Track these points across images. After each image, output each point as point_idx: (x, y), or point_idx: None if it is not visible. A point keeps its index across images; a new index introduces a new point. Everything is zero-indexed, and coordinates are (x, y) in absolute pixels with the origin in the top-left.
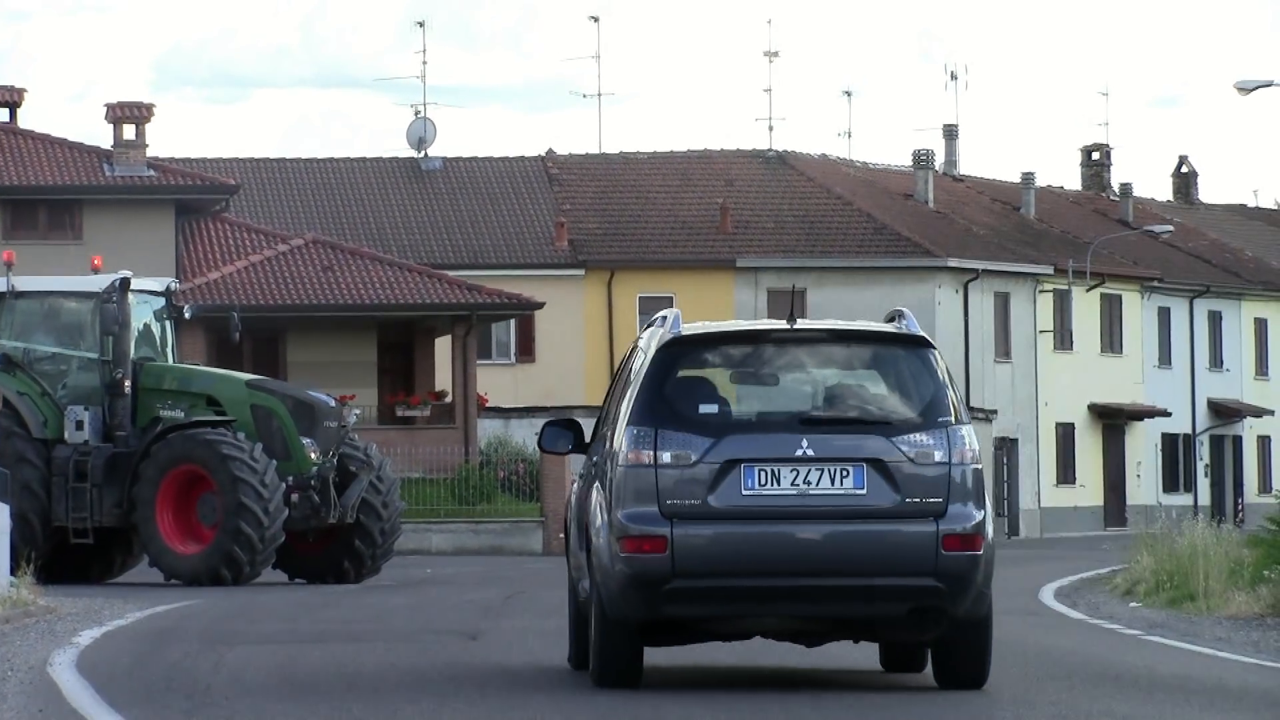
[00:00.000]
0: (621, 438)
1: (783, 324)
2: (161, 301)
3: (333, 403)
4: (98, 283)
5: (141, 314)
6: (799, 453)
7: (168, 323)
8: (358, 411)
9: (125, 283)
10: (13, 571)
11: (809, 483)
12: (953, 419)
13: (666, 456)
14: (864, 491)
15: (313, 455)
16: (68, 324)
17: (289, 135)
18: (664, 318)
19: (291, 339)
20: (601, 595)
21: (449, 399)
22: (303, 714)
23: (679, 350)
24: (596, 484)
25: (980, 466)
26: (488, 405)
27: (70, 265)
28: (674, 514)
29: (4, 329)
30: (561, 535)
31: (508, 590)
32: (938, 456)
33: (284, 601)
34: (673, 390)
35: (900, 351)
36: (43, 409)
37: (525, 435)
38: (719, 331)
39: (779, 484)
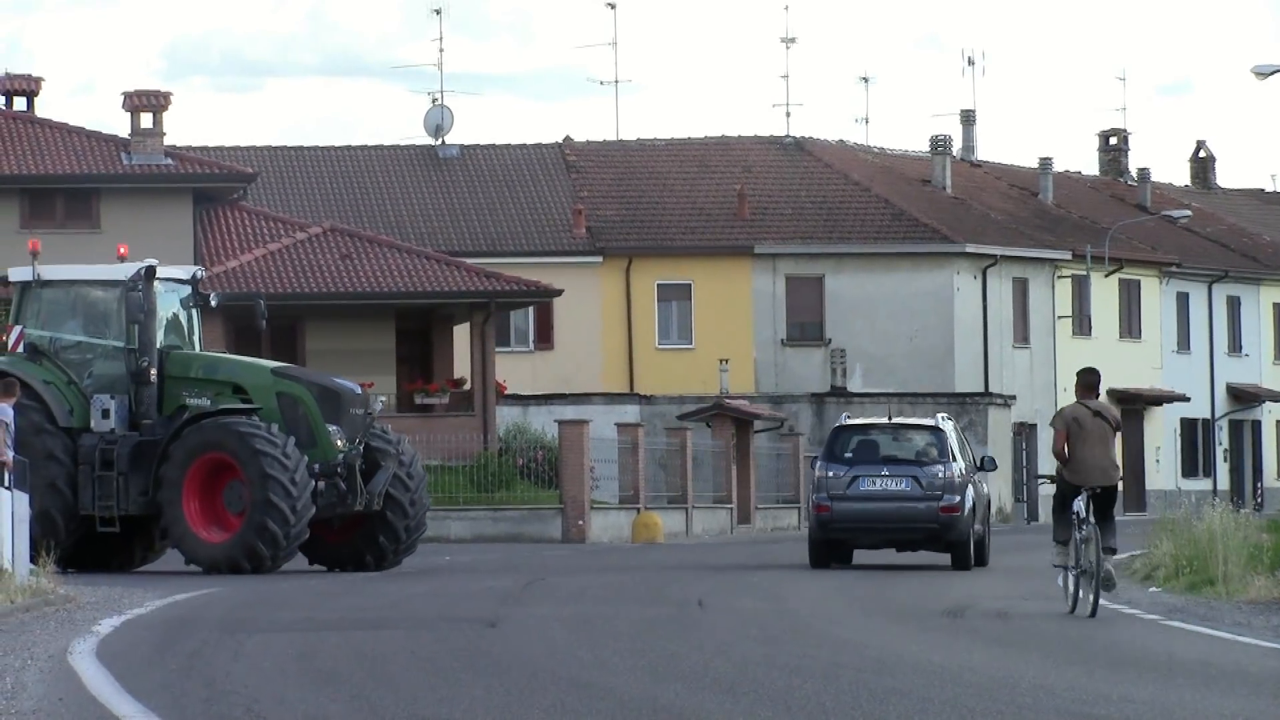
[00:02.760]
0: (816, 465)
1: (885, 420)
2: (188, 289)
3: (359, 390)
4: (123, 271)
5: (168, 302)
6: (883, 473)
7: (194, 311)
8: (383, 399)
9: (151, 271)
10: (33, 560)
11: (887, 485)
12: (949, 460)
13: (830, 474)
14: (909, 489)
15: (338, 443)
16: (94, 313)
17: (302, 123)
18: (846, 416)
19: (310, 327)
20: (809, 529)
21: (467, 386)
22: (322, 701)
23: (840, 430)
24: (811, 484)
25: (961, 479)
26: (506, 393)
27: (88, 254)
28: (833, 497)
29: (30, 318)
30: (580, 522)
31: (527, 577)
32: (940, 475)
33: (303, 589)
34: (837, 447)
35: (932, 431)
36: (69, 398)
37: (544, 422)
38: (857, 424)
39: (875, 485)
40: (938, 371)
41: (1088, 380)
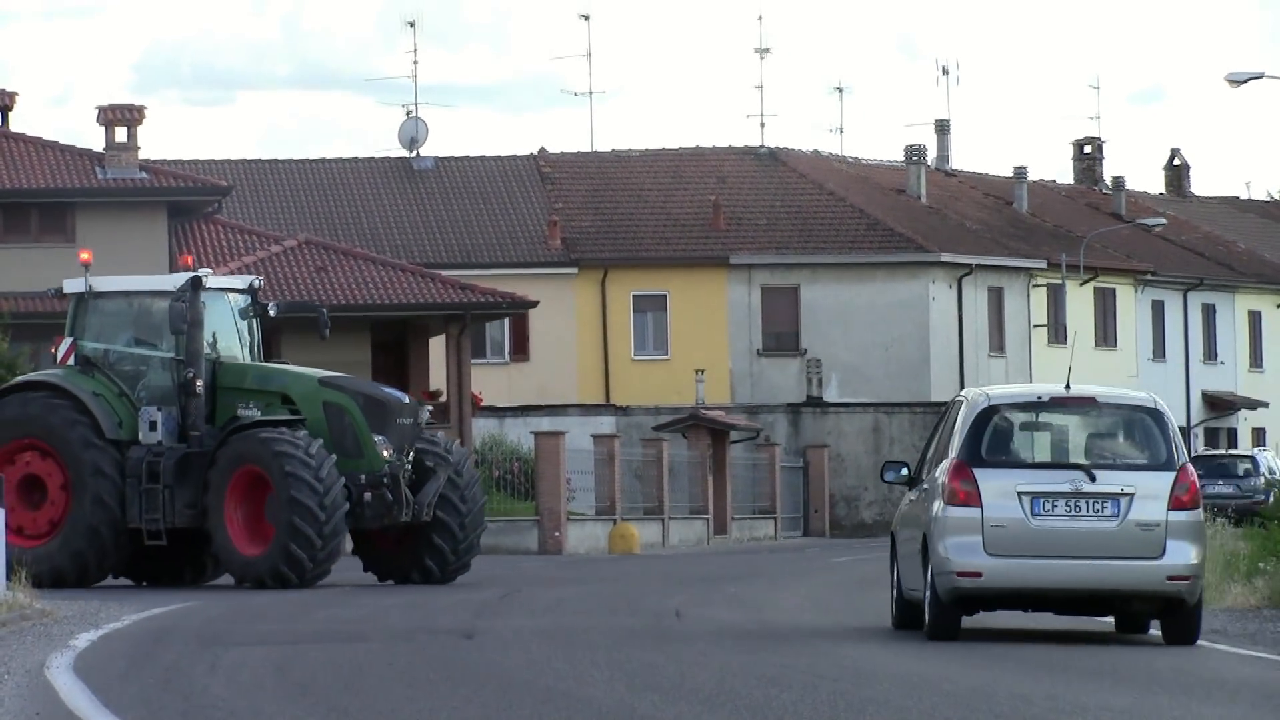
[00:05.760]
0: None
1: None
2: (246, 300)
3: (406, 400)
4: (174, 281)
5: (224, 312)
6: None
7: (253, 321)
8: (430, 408)
9: (196, 281)
10: (8, 575)
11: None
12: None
13: None
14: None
15: (385, 453)
16: (146, 324)
17: (275, 136)
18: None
19: (285, 339)
20: None
21: (443, 398)
22: (299, 714)
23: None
24: None
25: None
26: (482, 404)
27: (63, 269)
28: None
29: (83, 330)
30: (557, 533)
31: (503, 589)
32: None
33: (281, 601)
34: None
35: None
36: (118, 410)
37: (520, 434)
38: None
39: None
40: (913, 381)
41: None
